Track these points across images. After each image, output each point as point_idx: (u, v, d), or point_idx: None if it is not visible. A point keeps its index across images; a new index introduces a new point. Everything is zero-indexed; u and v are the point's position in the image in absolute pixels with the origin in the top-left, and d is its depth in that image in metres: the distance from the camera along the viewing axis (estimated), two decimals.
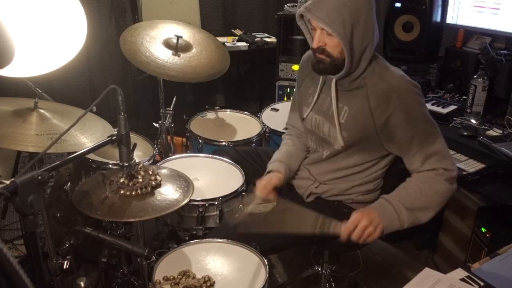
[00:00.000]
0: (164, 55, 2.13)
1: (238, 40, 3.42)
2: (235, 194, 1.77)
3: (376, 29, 1.48)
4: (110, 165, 1.88)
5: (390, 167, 1.65)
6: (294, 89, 1.79)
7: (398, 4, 2.58)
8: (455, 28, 2.50)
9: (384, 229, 1.47)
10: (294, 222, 1.50)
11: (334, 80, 1.53)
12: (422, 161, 1.49)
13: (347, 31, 1.40)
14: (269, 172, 1.72)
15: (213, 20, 3.68)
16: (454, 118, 2.19)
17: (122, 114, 1.28)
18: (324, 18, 1.40)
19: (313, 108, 1.66)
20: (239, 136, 2.31)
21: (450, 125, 2.18)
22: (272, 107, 2.65)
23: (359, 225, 1.43)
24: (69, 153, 1.32)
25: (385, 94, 1.45)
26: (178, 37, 2.17)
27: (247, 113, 2.59)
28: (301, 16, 1.54)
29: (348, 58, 1.44)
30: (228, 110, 2.62)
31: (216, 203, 1.71)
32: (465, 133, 2.04)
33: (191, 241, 1.54)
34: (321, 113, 1.62)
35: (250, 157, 1.98)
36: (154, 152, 2.08)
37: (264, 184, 1.67)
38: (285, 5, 3.30)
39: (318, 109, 1.64)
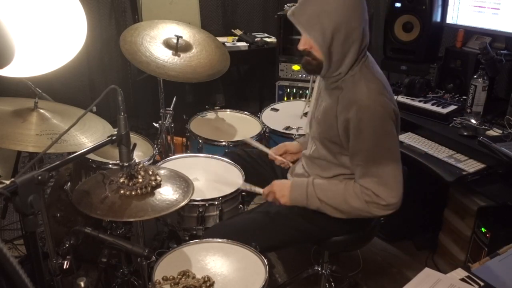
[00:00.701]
0: (164, 55, 2.13)
1: (238, 40, 3.42)
2: (235, 194, 1.77)
3: (363, 32, 1.45)
4: (110, 165, 1.88)
5: None
6: None
7: (398, 4, 2.58)
8: (455, 28, 2.50)
9: (290, 202, 1.61)
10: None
11: (318, 77, 1.61)
12: (360, 175, 1.50)
13: (326, 37, 1.41)
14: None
15: (213, 20, 3.68)
16: (454, 118, 2.19)
17: (122, 114, 1.29)
18: (304, 24, 1.43)
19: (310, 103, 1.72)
20: (239, 136, 2.31)
21: (450, 125, 2.18)
22: (272, 107, 2.65)
23: (271, 193, 1.64)
24: (69, 153, 1.32)
25: (348, 103, 1.47)
26: (178, 37, 2.17)
27: (247, 113, 2.59)
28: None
29: (326, 62, 1.46)
30: (228, 110, 2.62)
31: (216, 203, 1.71)
32: (465, 133, 2.04)
33: (191, 241, 1.54)
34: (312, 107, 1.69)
35: (259, 156, 1.99)
36: (154, 152, 2.08)
37: (278, 146, 1.91)
38: (285, 5, 3.29)
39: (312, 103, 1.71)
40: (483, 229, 1.97)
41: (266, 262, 1.42)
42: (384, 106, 1.45)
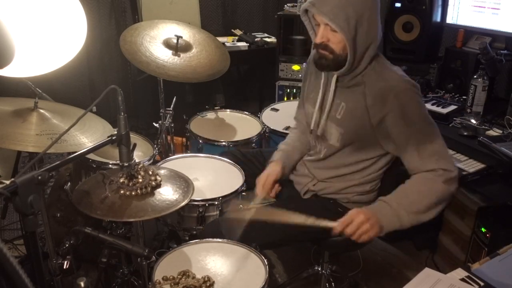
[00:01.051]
0: (164, 55, 2.13)
1: (238, 40, 3.42)
2: (235, 194, 1.77)
3: (380, 28, 1.48)
4: (110, 165, 1.88)
5: (388, 169, 1.65)
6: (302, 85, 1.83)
7: (398, 4, 2.58)
8: (455, 28, 2.50)
9: (383, 229, 1.46)
10: (287, 215, 1.50)
11: (335, 76, 1.54)
12: (420, 162, 1.46)
13: (351, 27, 1.40)
14: (271, 161, 1.77)
15: (213, 20, 3.68)
16: (454, 118, 2.19)
17: (122, 114, 1.29)
18: (328, 13, 1.40)
19: (314, 104, 1.66)
20: (239, 136, 2.31)
21: (450, 125, 2.18)
22: (272, 107, 2.65)
23: (355, 221, 1.41)
24: (69, 153, 1.32)
25: (382, 93, 1.45)
26: (178, 37, 2.17)
27: (247, 113, 2.59)
28: (305, 12, 1.54)
29: (351, 54, 1.44)
30: (228, 110, 2.62)
31: (216, 203, 1.71)
32: (465, 133, 2.05)
33: (191, 241, 1.54)
34: (317, 106, 1.63)
35: (256, 159, 1.98)
36: (154, 152, 2.08)
37: (263, 184, 1.69)
38: (285, 5, 3.30)
39: (314, 104, 1.65)
40: (483, 229, 1.97)
41: (266, 262, 1.42)
42: (415, 85, 1.48)
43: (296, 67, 3.16)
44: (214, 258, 1.46)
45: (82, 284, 1.11)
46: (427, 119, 1.48)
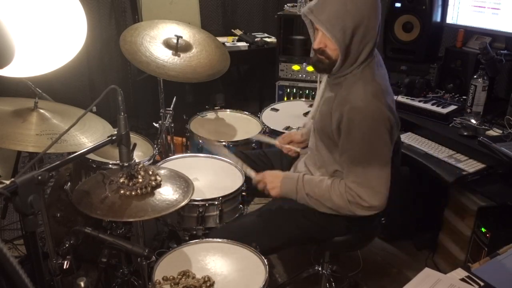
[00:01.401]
0: (164, 55, 2.13)
1: (238, 40, 3.42)
2: (235, 194, 1.77)
3: (378, 31, 1.47)
4: (110, 165, 1.88)
5: None
6: None
7: (398, 4, 2.58)
8: (455, 28, 2.50)
9: (280, 195, 1.64)
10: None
11: (326, 76, 1.60)
12: (346, 174, 1.53)
13: (347, 36, 1.41)
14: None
15: (213, 20, 3.68)
16: (454, 118, 2.19)
17: (122, 114, 1.28)
18: (325, 22, 1.41)
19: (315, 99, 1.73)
20: (239, 136, 2.31)
21: (450, 125, 2.18)
22: (272, 107, 2.65)
23: (263, 181, 1.67)
24: (69, 153, 1.32)
25: (342, 102, 1.47)
26: (178, 37, 2.17)
27: (247, 113, 2.59)
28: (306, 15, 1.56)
29: (342, 60, 1.45)
30: (228, 110, 2.62)
31: (216, 203, 1.71)
32: (465, 133, 2.04)
33: (191, 241, 1.54)
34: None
35: (259, 159, 1.99)
36: (154, 152, 2.08)
37: (285, 135, 1.97)
38: (285, 5, 3.30)
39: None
40: (483, 229, 1.97)
41: (266, 262, 1.42)
42: (377, 110, 1.43)
43: (296, 67, 3.16)
44: (214, 258, 1.46)
45: (82, 284, 1.11)
46: (368, 146, 1.46)
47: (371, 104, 1.43)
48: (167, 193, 1.44)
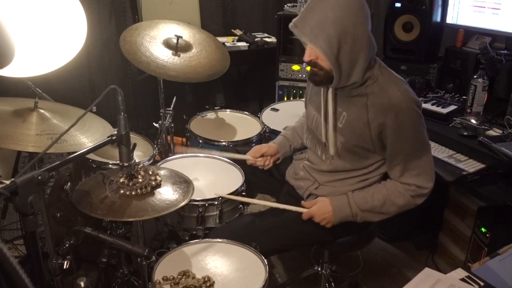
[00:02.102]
0: (164, 55, 2.13)
1: (238, 40, 3.42)
2: (235, 194, 1.77)
3: (371, 41, 1.44)
4: (110, 165, 1.88)
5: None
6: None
7: (398, 4, 2.58)
8: (455, 28, 2.50)
9: (336, 223, 1.60)
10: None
11: (331, 90, 1.54)
12: (401, 173, 1.54)
13: (333, 46, 1.38)
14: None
15: (213, 20, 3.68)
16: (454, 118, 2.19)
17: (122, 114, 1.29)
18: (309, 34, 1.40)
19: (316, 108, 1.67)
20: (239, 136, 2.31)
21: (450, 125, 2.18)
22: (272, 107, 2.65)
23: (316, 217, 1.60)
24: (69, 153, 1.32)
25: (383, 108, 1.46)
26: (178, 37, 2.17)
27: (247, 113, 2.59)
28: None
29: (337, 72, 1.43)
30: (228, 110, 2.62)
31: (216, 203, 1.71)
32: (465, 133, 2.04)
33: (191, 241, 1.54)
34: (321, 115, 1.62)
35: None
36: (154, 152, 2.08)
37: (254, 149, 1.88)
38: (285, 5, 3.30)
39: (319, 110, 1.64)
40: (483, 229, 1.97)
41: (266, 262, 1.42)
42: (417, 103, 1.48)
43: (296, 67, 3.16)
44: (214, 258, 1.46)
45: (82, 284, 1.11)
46: (420, 139, 1.51)
47: (412, 101, 1.46)
48: (167, 193, 1.44)
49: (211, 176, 1.90)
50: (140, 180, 1.40)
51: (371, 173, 1.62)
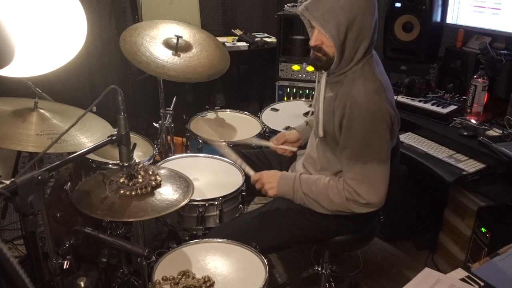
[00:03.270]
0: (164, 55, 2.13)
1: (238, 40, 3.42)
2: (235, 194, 1.77)
3: (374, 30, 1.48)
4: (110, 165, 1.88)
5: None
6: None
7: (398, 4, 2.58)
8: (455, 28, 2.50)
9: (278, 194, 1.65)
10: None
11: (325, 74, 1.57)
12: (346, 171, 1.54)
13: (341, 32, 1.41)
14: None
15: (213, 20, 3.68)
16: (454, 118, 2.19)
17: (122, 114, 1.29)
18: (319, 18, 1.42)
19: (317, 92, 1.69)
20: (239, 136, 2.31)
21: (450, 125, 2.18)
22: (272, 107, 2.65)
23: (260, 180, 1.68)
24: (69, 153, 1.32)
25: (343, 98, 1.48)
26: (178, 37, 2.17)
27: (247, 113, 2.59)
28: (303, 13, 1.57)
29: (338, 57, 1.46)
30: (228, 110, 2.62)
31: (216, 203, 1.71)
32: (465, 133, 2.04)
33: (191, 241, 1.54)
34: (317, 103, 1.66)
35: (257, 159, 1.99)
36: (154, 152, 2.08)
37: (279, 135, 1.96)
38: (285, 5, 3.30)
39: (316, 99, 1.68)
40: (483, 229, 1.97)
41: (266, 262, 1.42)
42: (378, 106, 1.44)
43: (296, 67, 3.16)
44: (214, 258, 1.46)
45: (82, 284, 1.11)
46: (368, 142, 1.46)
47: (372, 100, 1.44)
48: (167, 193, 1.44)
49: (211, 176, 1.90)
50: (140, 180, 1.40)
51: None
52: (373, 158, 1.47)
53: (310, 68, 3.11)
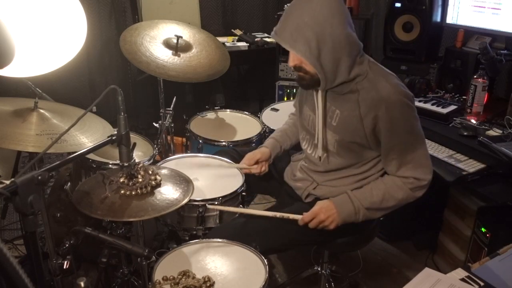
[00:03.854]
0: (164, 55, 2.13)
1: (238, 40, 3.42)
2: (235, 194, 1.77)
3: (352, 40, 1.44)
4: (110, 165, 1.88)
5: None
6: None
7: (398, 4, 2.58)
8: (455, 28, 2.50)
9: (339, 223, 1.57)
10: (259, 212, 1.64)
11: (320, 92, 1.55)
12: (397, 167, 1.54)
13: (312, 49, 1.40)
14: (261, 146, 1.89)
15: (213, 20, 3.68)
16: (454, 118, 2.19)
17: (122, 114, 1.29)
18: (288, 40, 1.42)
19: (311, 108, 1.67)
20: (239, 136, 2.31)
21: (450, 125, 2.18)
22: (272, 107, 2.65)
23: (316, 218, 1.56)
24: (69, 153, 1.32)
25: (374, 103, 1.47)
26: (178, 37, 2.17)
27: (247, 113, 2.59)
28: None
29: (321, 74, 1.45)
30: (228, 110, 2.62)
31: (216, 203, 1.71)
32: (465, 133, 2.04)
33: (191, 241, 1.54)
34: (316, 114, 1.63)
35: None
36: (154, 152, 2.08)
37: (249, 156, 1.84)
38: (285, 5, 3.28)
39: (314, 110, 1.64)
40: (483, 229, 1.97)
41: (266, 262, 1.42)
42: (407, 95, 1.49)
43: None
44: (214, 258, 1.46)
45: (82, 284, 1.11)
46: (413, 130, 1.52)
47: (401, 93, 1.47)
48: (167, 193, 1.44)
49: (211, 176, 1.90)
50: (140, 180, 1.40)
51: (369, 171, 1.63)
52: (419, 142, 1.53)
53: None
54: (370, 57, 1.55)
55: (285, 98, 3.19)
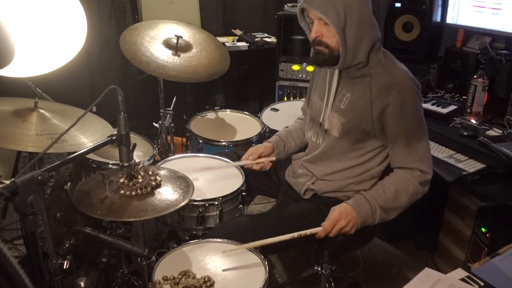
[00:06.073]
0: (164, 55, 2.13)
1: (238, 40, 3.42)
2: (235, 194, 1.77)
3: (374, 23, 1.51)
4: (110, 165, 1.88)
5: (387, 167, 1.66)
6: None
7: (398, 4, 2.58)
8: (455, 28, 2.50)
9: (359, 226, 1.54)
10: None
11: (337, 71, 1.59)
12: (404, 158, 1.55)
13: (341, 18, 1.44)
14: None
15: (213, 20, 3.68)
16: (454, 118, 2.19)
17: (122, 114, 1.29)
18: (318, 6, 1.46)
19: (320, 96, 1.70)
20: (239, 136, 2.31)
21: (450, 125, 2.18)
22: (272, 107, 2.65)
23: (337, 225, 1.51)
24: (69, 153, 1.32)
25: (386, 86, 1.50)
26: (178, 37, 2.17)
27: (247, 113, 2.59)
28: (301, 12, 1.60)
29: (342, 45, 1.48)
30: (228, 110, 2.62)
31: (216, 203, 1.71)
32: (465, 133, 2.04)
33: (191, 241, 1.54)
34: (325, 100, 1.66)
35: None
36: (154, 152, 2.08)
37: (252, 150, 1.84)
38: (285, 5, 3.30)
39: (323, 98, 1.68)
40: (483, 229, 1.97)
41: (266, 262, 1.42)
42: (417, 84, 1.54)
43: (296, 67, 3.16)
44: (214, 258, 1.46)
45: (82, 284, 1.11)
46: (420, 120, 1.55)
47: (413, 80, 1.52)
48: (167, 193, 1.44)
49: (211, 176, 1.90)
50: (140, 180, 1.40)
51: (367, 164, 1.63)
52: (424, 133, 1.56)
53: (310, 68, 3.11)
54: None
55: (285, 98, 3.19)
